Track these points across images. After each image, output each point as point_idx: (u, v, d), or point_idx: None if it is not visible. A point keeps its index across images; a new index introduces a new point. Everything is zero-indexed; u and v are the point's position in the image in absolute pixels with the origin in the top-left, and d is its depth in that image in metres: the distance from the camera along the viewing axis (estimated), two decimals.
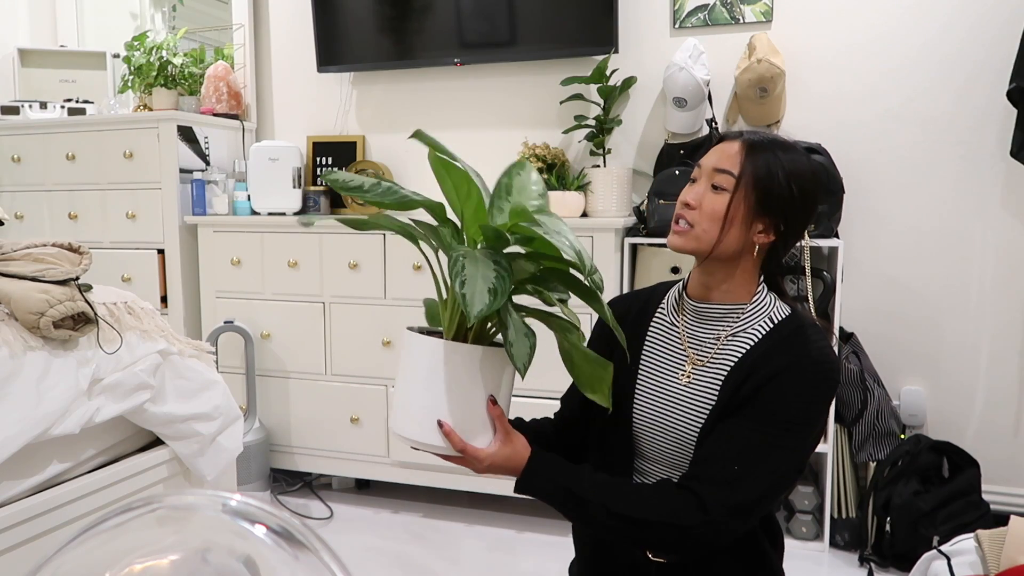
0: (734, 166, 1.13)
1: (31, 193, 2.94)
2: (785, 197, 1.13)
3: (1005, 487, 2.46)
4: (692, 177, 1.20)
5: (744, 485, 1.07)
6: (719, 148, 1.17)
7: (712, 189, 1.14)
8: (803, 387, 1.10)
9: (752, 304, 1.18)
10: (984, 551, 1.37)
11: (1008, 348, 2.45)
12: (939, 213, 2.48)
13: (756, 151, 1.13)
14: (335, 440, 2.70)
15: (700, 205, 1.15)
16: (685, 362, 1.20)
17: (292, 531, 0.64)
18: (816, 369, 1.11)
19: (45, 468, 1.58)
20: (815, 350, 1.12)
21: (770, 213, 1.14)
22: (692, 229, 1.15)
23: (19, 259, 1.63)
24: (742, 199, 1.13)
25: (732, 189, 1.13)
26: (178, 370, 1.83)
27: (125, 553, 0.67)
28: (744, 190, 1.12)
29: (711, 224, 1.14)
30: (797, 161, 1.15)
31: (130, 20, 3.47)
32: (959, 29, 2.41)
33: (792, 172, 1.14)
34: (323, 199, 2.90)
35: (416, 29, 2.83)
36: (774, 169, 1.13)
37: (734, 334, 1.17)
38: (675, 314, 1.24)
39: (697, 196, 1.15)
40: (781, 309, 1.18)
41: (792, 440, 1.09)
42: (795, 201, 1.14)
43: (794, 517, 2.40)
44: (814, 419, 1.11)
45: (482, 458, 1.06)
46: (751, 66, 2.41)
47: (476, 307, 0.90)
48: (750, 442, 1.09)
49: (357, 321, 2.64)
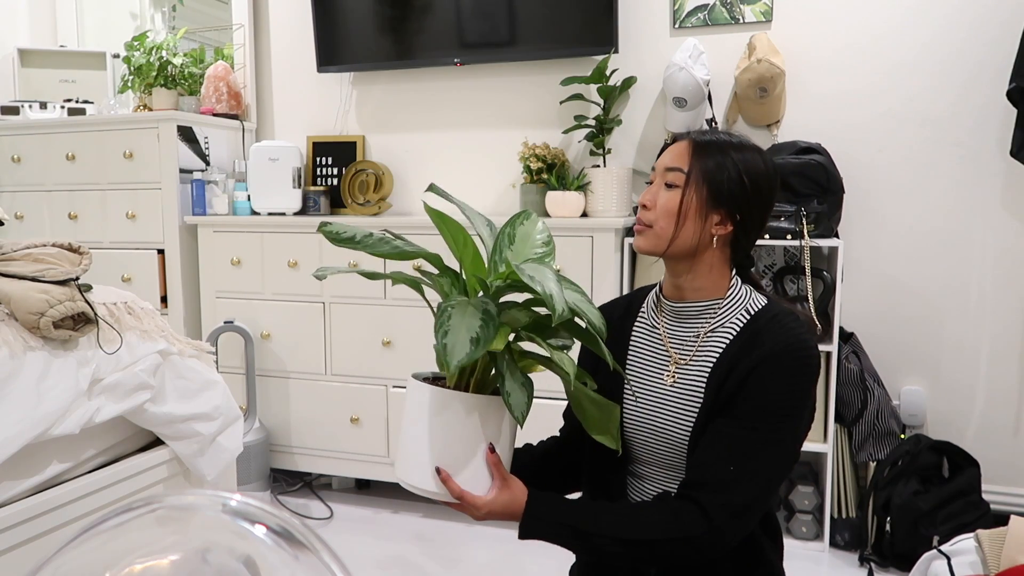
0: (683, 163, 1.17)
1: (31, 193, 2.94)
2: (736, 186, 1.16)
3: (1005, 487, 2.46)
4: (648, 180, 1.24)
5: (742, 485, 1.07)
6: (670, 149, 1.21)
7: (665, 188, 1.18)
8: (783, 377, 1.11)
9: (727, 299, 1.20)
10: (984, 551, 1.37)
11: (1008, 348, 2.45)
12: (939, 213, 2.48)
13: (704, 147, 1.17)
14: (335, 440, 2.70)
15: (655, 204, 1.18)
16: (669, 363, 1.21)
17: (292, 531, 0.64)
18: (793, 357, 1.12)
19: (45, 468, 1.58)
20: (791, 338, 1.13)
21: (723, 204, 1.16)
22: (651, 228, 1.19)
23: (19, 259, 1.63)
24: (694, 192, 1.16)
25: (683, 184, 1.16)
26: (178, 370, 1.83)
27: (125, 553, 0.67)
28: (695, 184, 1.16)
29: (667, 221, 1.17)
30: (746, 154, 1.19)
31: (130, 20, 3.47)
32: (959, 29, 2.41)
33: (740, 161, 1.17)
34: (323, 199, 2.90)
35: (416, 29, 2.83)
36: (722, 161, 1.17)
37: (712, 330, 1.18)
38: (655, 316, 1.26)
39: (652, 196, 1.19)
40: (756, 301, 1.20)
41: (781, 432, 1.11)
42: (746, 189, 1.16)
43: (794, 517, 2.40)
44: (799, 407, 1.12)
45: (479, 506, 1.06)
46: (751, 66, 2.41)
47: (456, 357, 0.91)
48: (740, 441, 1.09)
49: (357, 321, 2.64)
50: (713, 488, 1.07)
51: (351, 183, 2.86)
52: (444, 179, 2.95)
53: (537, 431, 1.35)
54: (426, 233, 2.53)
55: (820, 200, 2.34)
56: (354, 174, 2.86)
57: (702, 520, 1.05)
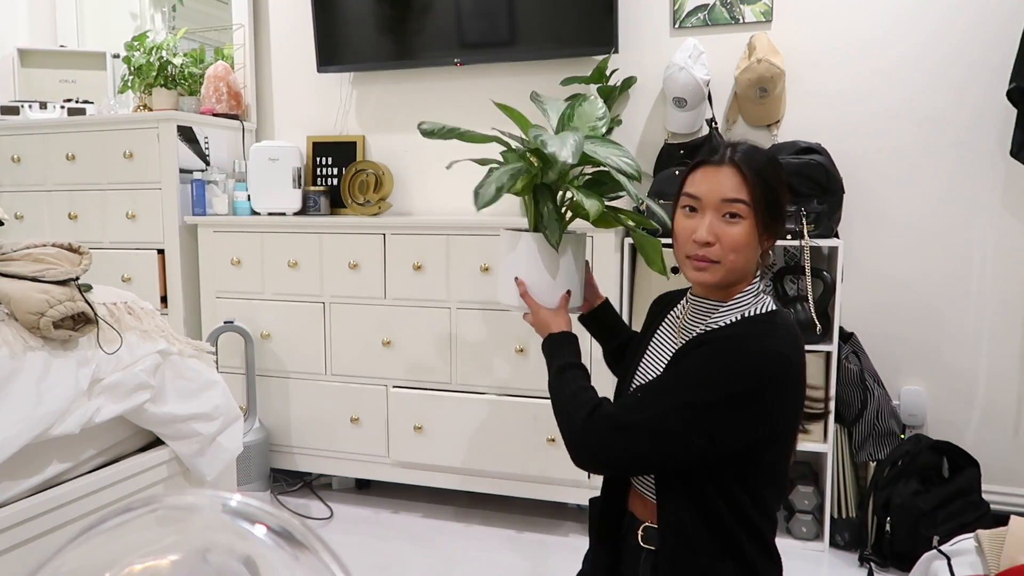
0: (743, 193, 1.15)
1: (31, 193, 2.94)
2: (784, 203, 1.20)
3: (1005, 487, 2.46)
4: (686, 206, 1.21)
5: (634, 410, 1.14)
6: (714, 177, 1.17)
7: (724, 219, 1.16)
8: (722, 357, 1.13)
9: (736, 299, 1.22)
10: (984, 551, 1.37)
11: (1008, 348, 2.45)
12: (939, 213, 2.48)
13: (754, 171, 1.16)
14: (335, 440, 2.70)
15: (719, 239, 1.16)
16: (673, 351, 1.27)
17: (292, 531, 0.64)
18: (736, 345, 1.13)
19: (45, 468, 1.58)
20: (747, 333, 1.15)
21: (776, 223, 1.19)
22: (718, 264, 1.17)
23: (19, 259, 1.63)
24: (758, 221, 1.16)
25: (747, 215, 1.15)
26: (178, 370, 1.83)
27: (125, 553, 0.67)
28: (756, 213, 1.16)
29: (736, 255, 1.16)
30: (775, 164, 1.20)
31: (130, 20, 3.47)
32: (958, 29, 2.41)
33: (779, 177, 1.19)
34: (323, 199, 2.90)
35: (416, 29, 2.83)
36: (772, 183, 1.17)
37: (707, 327, 1.22)
38: (683, 306, 1.32)
39: (713, 230, 1.16)
40: (762, 305, 1.21)
41: (692, 397, 1.12)
42: (787, 200, 1.21)
43: (794, 517, 2.41)
44: (720, 391, 1.10)
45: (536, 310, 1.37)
46: (751, 66, 2.41)
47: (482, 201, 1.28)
48: (658, 382, 1.18)
49: (357, 321, 2.64)
50: (619, 403, 1.19)
51: (351, 183, 2.86)
52: (444, 179, 2.95)
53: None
54: (427, 233, 2.54)
55: (820, 200, 2.34)
56: (354, 174, 2.86)
57: (589, 413, 1.16)
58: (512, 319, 2.46)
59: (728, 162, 1.16)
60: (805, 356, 1.21)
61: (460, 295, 2.51)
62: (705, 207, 1.17)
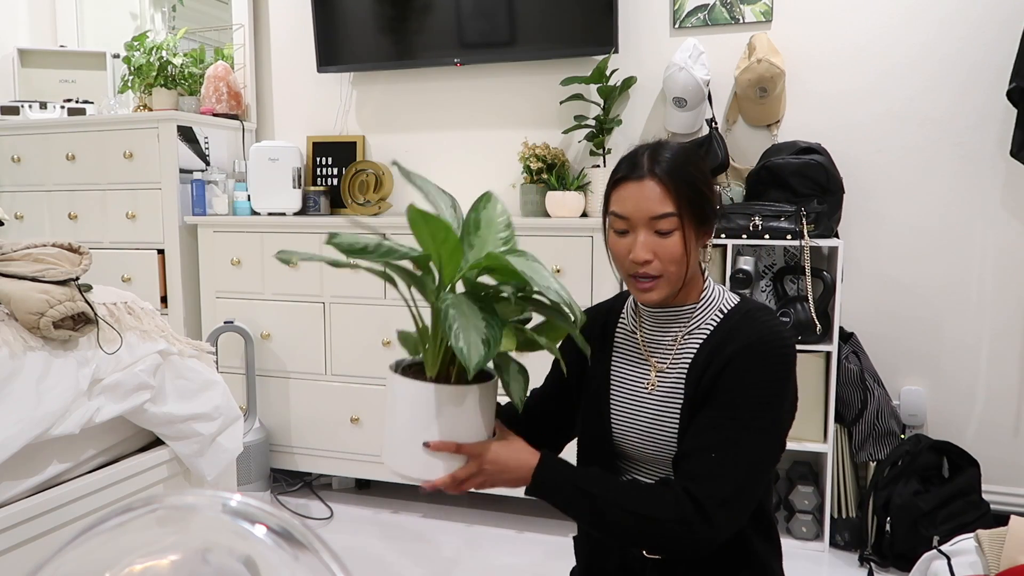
0: (670, 205, 1.12)
1: (31, 193, 2.94)
2: (711, 198, 1.17)
3: (1005, 487, 2.46)
4: (617, 228, 1.17)
5: (726, 473, 1.08)
6: (638, 193, 1.13)
7: (658, 235, 1.13)
8: (756, 368, 1.12)
9: (701, 301, 1.21)
10: (984, 551, 1.37)
11: (1008, 348, 2.45)
12: (939, 213, 2.48)
13: (676, 179, 1.12)
14: (335, 440, 2.70)
15: (656, 254, 1.14)
16: (649, 369, 1.22)
17: (292, 531, 0.64)
18: (766, 348, 1.12)
19: (45, 468, 1.58)
20: (763, 330, 1.14)
21: (708, 221, 1.17)
22: (660, 279, 1.15)
23: (19, 259, 1.63)
24: (690, 227, 1.14)
25: (678, 225, 1.13)
26: (178, 370, 1.83)
27: (125, 553, 0.67)
28: (687, 219, 1.13)
29: (677, 265, 1.14)
30: (694, 160, 1.17)
31: (130, 20, 3.47)
32: (959, 29, 2.41)
33: (700, 171, 1.16)
34: (323, 199, 2.90)
35: (416, 29, 2.83)
36: (696, 184, 1.14)
37: (689, 332, 1.20)
38: (634, 321, 1.27)
39: (648, 248, 1.14)
40: (728, 300, 1.21)
41: (761, 420, 1.11)
42: (714, 194, 1.18)
43: (794, 517, 2.40)
44: (777, 397, 1.12)
45: (481, 452, 1.06)
46: (751, 66, 2.41)
47: (473, 360, 0.94)
48: (722, 430, 1.11)
49: (357, 321, 2.64)
50: (704, 479, 1.08)
51: (351, 183, 2.86)
52: (444, 179, 2.94)
53: None
54: None
55: (820, 200, 2.34)
56: (354, 174, 2.86)
57: (698, 513, 1.06)
58: None
59: (649, 175, 1.13)
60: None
61: None
62: (635, 225, 1.14)
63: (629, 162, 1.16)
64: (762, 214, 2.33)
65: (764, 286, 2.52)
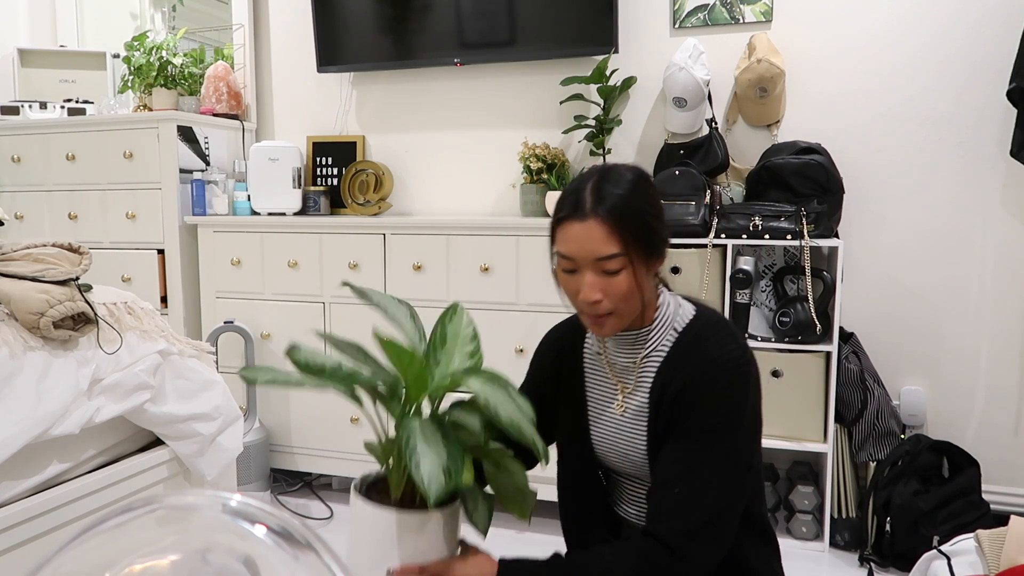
0: (615, 245, 1.08)
1: (31, 193, 2.94)
2: (657, 226, 1.12)
3: (1005, 487, 2.46)
4: (566, 268, 1.12)
5: (691, 507, 1.08)
6: (583, 234, 1.08)
7: (606, 274, 1.09)
8: (708, 395, 1.10)
9: (656, 322, 1.18)
10: (984, 551, 1.37)
11: (1008, 348, 2.45)
12: (939, 213, 2.48)
13: (619, 217, 1.07)
14: (335, 440, 2.70)
15: (606, 293, 1.10)
16: (617, 391, 1.23)
17: (292, 531, 0.64)
18: (715, 373, 1.11)
19: (45, 468, 1.58)
20: (711, 354, 1.12)
21: (658, 250, 1.14)
22: (612, 315, 1.12)
23: (19, 259, 1.63)
24: (639, 262, 1.10)
25: (626, 264, 1.09)
26: (178, 370, 1.83)
27: (125, 553, 0.67)
28: (634, 256, 1.09)
29: (628, 300, 1.11)
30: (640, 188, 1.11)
31: (130, 20, 3.47)
32: (959, 29, 2.41)
33: (644, 199, 1.11)
34: (323, 199, 2.90)
35: (416, 29, 2.83)
36: (642, 217, 1.10)
37: (647, 355, 1.19)
38: (598, 344, 1.26)
39: (596, 287, 1.10)
40: (683, 315, 1.19)
41: (720, 447, 1.09)
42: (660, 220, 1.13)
43: (794, 517, 2.40)
44: (733, 420, 1.10)
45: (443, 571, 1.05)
46: (751, 66, 2.41)
47: (434, 490, 0.93)
48: (682, 464, 1.10)
49: (357, 321, 2.64)
50: (666, 516, 1.08)
51: (351, 183, 2.86)
52: (444, 179, 2.95)
53: None
54: (427, 233, 2.54)
55: (820, 200, 2.34)
56: (354, 174, 2.86)
57: (665, 552, 1.06)
58: (512, 318, 2.47)
59: (592, 215, 1.07)
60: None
61: (460, 295, 2.51)
62: (582, 265, 1.10)
63: (572, 199, 1.10)
64: (762, 214, 2.33)
65: (764, 286, 2.52)
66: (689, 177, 2.41)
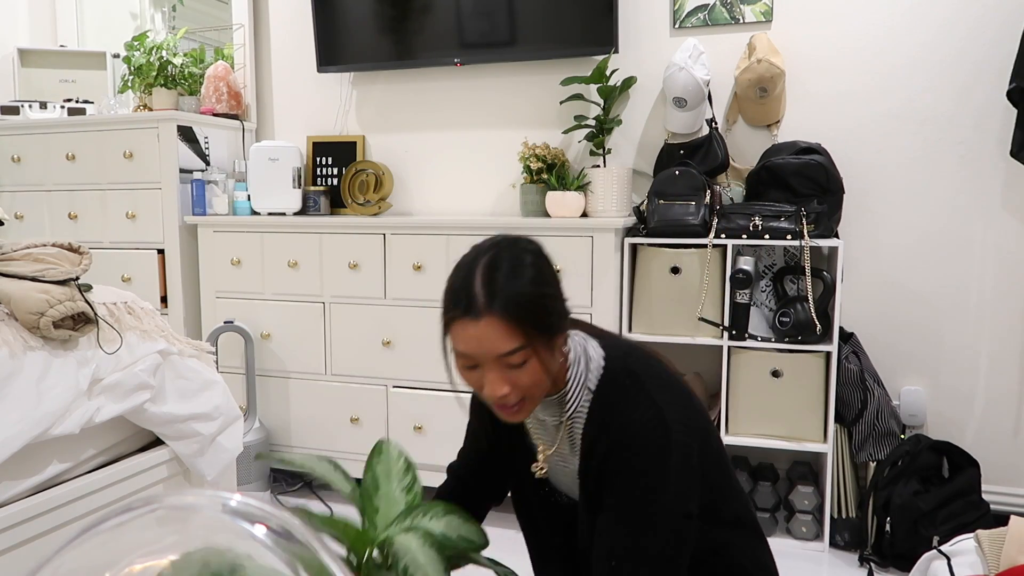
0: (516, 340, 1.03)
1: (31, 193, 2.94)
2: (556, 305, 1.08)
3: (1005, 487, 2.46)
4: (466, 365, 1.08)
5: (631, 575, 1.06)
6: (480, 333, 1.03)
7: (511, 367, 1.05)
8: (626, 468, 1.08)
9: (570, 383, 1.15)
10: (984, 551, 1.37)
11: (1008, 348, 2.45)
12: (939, 213, 2.48)
13: (516, 310, 1.02)
14: (335, 440, 2.70)
15: (512, 385, 1.06)
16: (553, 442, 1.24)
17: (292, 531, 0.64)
18: (633, 445, 1.08)
19: (45, 468, 1.58)
20: (627, 420, 1.10)
21: (561, 324, 1.10)
22: (523, 402, 1.08)
23: (19, 259, 1.63)
24: (543, 348, 1.06)
25: (530, 355, 1.04)
26: (178, 370, 1.83)
27: (125, 553, 0.67)
28: (538, 344, 1.05)
29: (539, 387, 1.08)
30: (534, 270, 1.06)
31: (130, 20, 3.47)
32: (959, 29, 2.41)
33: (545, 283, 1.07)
34: (323, 199, 2.90)
35: (416, 29, 2.83)
36: (540, 302, 1.05)
37: (570, 416, 1.18)
38: None
39: (502, 382, 1.05)
40: (595, 370, 1.16)
41: (649, 516, 1.07)
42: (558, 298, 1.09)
43: (794, 517, 2.40)
44: (656, 487, 1.08)
45: None
46: (751, 66, 2.41)
47: None
48: (613, 536, 1.08)
49: (357, 321, 2.64)
50: None
51: (351, 183, 2.86)
52: (444, 179, 2.95)
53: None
54: (427, 233, 2.54)
55: (820, 200, 2.34)
56: (354, 174, 2.86)
57: None
58: None
59: (486, 313, 1.01)
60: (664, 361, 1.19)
61: None
62: (483, 362, 1.05)
63: (463, 296, 1.04)
64: (762, 214, 2.33)
65: (764, 286, 2.52)
66: (689, 177, 2.41)
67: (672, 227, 2.38)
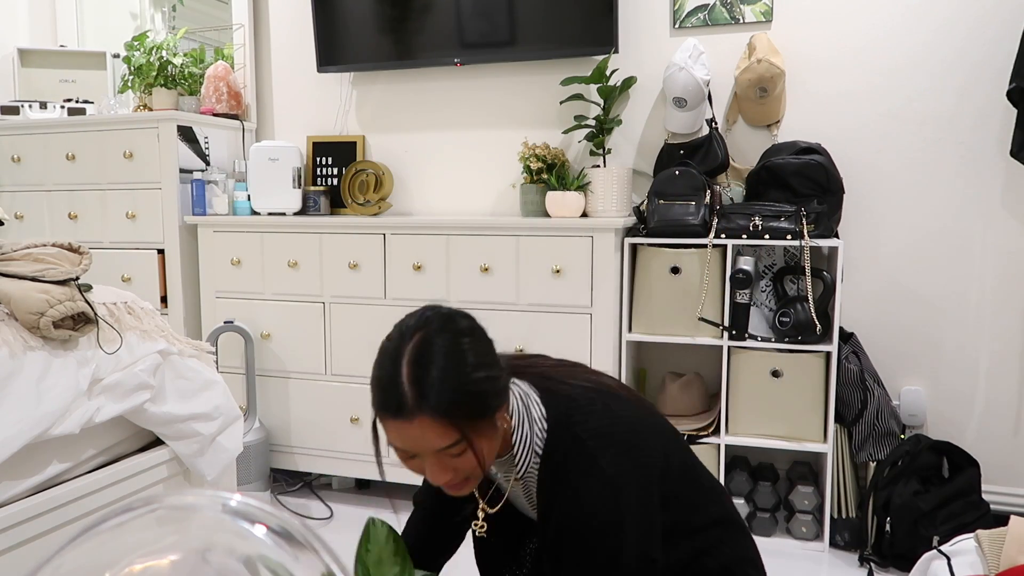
0: (451, 435, 1.00)
1: (31, 193, 2.94)
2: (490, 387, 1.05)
3: (1005, 487, 2.46)
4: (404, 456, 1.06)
5: None
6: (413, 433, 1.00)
7: (452, 457, 1.03)
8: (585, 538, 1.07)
9: (516, 446, 1.14)
10: (984, 551, 1.37)
11: (1008, 348, 2.45)
12: (939, 213, 2.48)
13: (448, 404, 0.99)
14: (335, 440, 2.70)
15: (456, 470, 1.05)
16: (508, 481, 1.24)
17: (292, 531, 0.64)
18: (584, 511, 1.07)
19: (45, 468, 1.58)
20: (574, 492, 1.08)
21: (499, 402, 1.07)
22: (470, 480, 1.08)
23: (19, 259, 1.63)
24: (477, 435, 1.03)
25: (468, 446, 1.02)
26: (178, 370, 1.83)
27: (125, 553, 0.67)
28: (472, 433, 1.02)
29: (483, 466, 1.05)
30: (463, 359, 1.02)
31: (130, 20, 3.47)
32: (959, 29, 2.41)
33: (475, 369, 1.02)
34: (323, 199, 2.90)
35: (416, 29, 2.83)
36: (472, 393, 1.01)
37: (522, 475, 1.17)
38: None
39: (443, 470, 1.04)
40: (539, 432, 1.13)
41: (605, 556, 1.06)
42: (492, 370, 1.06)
43: (794, 517, 2.40)
44: (617, 546, 1.06)
45: None
46: (751, 66, 2.41)
47: None
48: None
49: (357, 321, 2.64)
50: None
51: (351, 183, 2.86)
52: (444, 179, 2.95)
53: None
54: (427, 233, 2.54)
55: (820, 200, 2.34)
56: (354, 174, 2.86)
57: None
58: (512, 318, 2.46)
59: (418, 412, 0.98)
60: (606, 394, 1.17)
61: (460, 295, 2.51)
62: (424, 454, 1.03)
63: (392, 395, 1.00)
64: (762, 214, 2.33)
65: (764, 286, 2.52)
66: (689, 177, 2.41)
67: (672, 227, 2.38)
